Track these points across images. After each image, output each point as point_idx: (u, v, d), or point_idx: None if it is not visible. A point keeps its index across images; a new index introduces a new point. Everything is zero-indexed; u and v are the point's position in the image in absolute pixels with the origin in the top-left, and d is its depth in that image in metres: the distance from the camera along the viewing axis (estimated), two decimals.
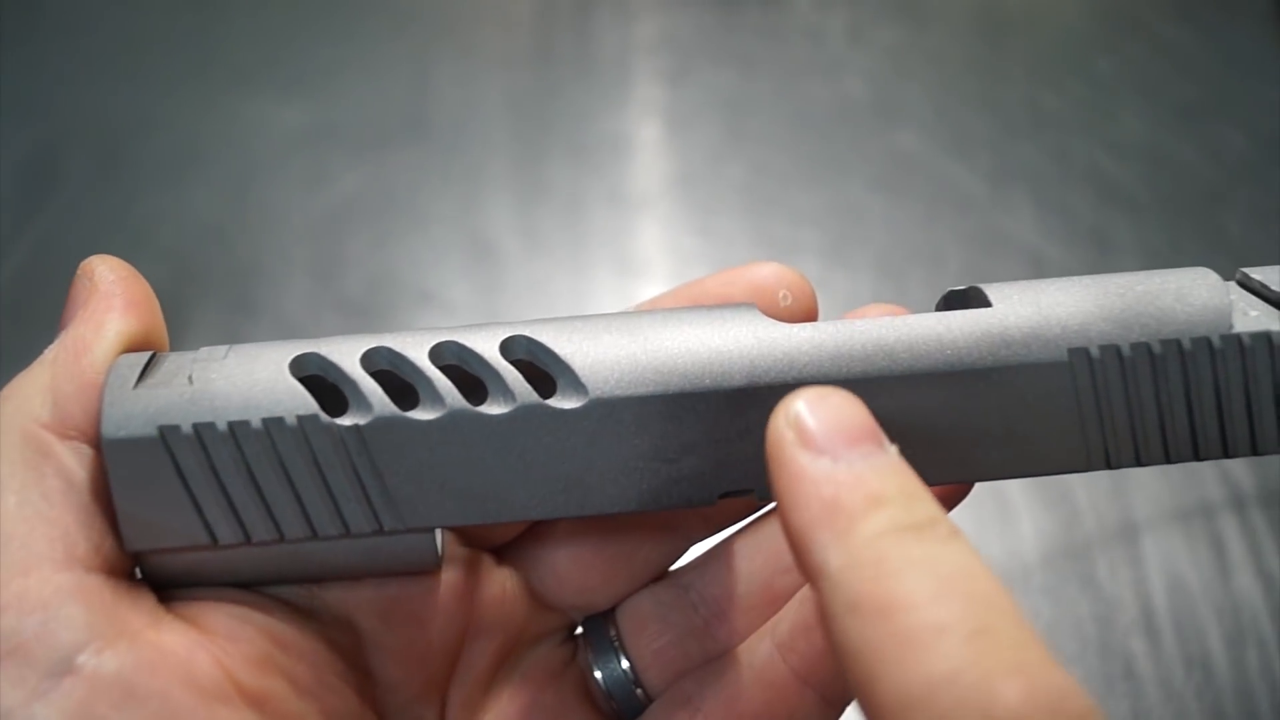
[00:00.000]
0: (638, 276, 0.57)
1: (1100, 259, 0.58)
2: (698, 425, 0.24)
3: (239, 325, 0.53)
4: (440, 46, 0.68)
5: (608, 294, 0.56)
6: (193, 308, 0.54)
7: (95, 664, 0.21)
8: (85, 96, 0.65)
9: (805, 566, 0.20)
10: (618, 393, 0.23)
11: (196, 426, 0.23)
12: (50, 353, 0.24)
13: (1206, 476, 0.50)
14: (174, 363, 0.24)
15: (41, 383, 0.23)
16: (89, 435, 0.23)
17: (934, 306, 0.27)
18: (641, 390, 0.24)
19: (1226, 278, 0.26)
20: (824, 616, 0.19)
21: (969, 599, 0.18)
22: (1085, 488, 0.49)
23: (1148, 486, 0.49)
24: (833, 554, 0.19)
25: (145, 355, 0.24)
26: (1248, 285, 0.25)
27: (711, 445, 0.24)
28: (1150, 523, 0.48)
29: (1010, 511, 0.48)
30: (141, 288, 0.25)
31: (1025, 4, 0.72)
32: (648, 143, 0.63)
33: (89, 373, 0.23)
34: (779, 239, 0.59)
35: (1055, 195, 0.60)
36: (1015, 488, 0.49)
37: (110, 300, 0.24)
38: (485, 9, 0.70)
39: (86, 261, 0.25)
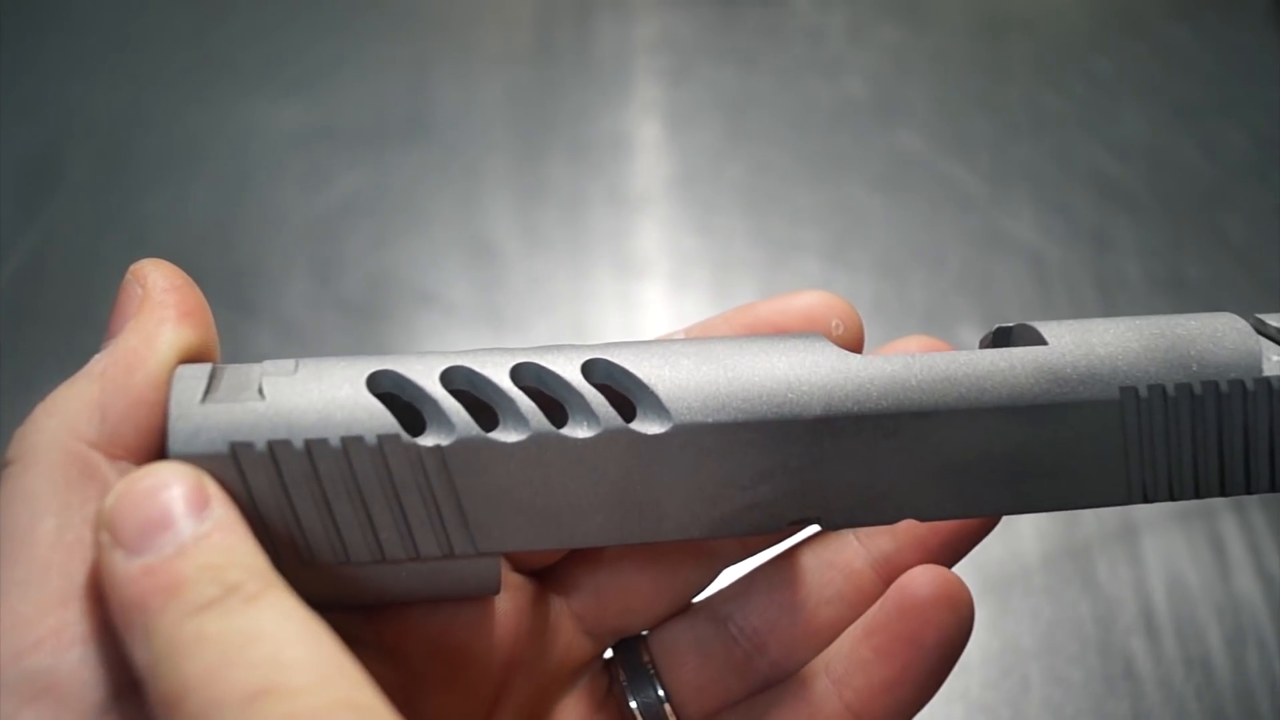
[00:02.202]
0: (638, 276, 0.57)
1: (1100, 259, 0.58)
2: (775, 453, 0.24)
3: (239, 325, 0.53)
4: (440, 45, 0.68)
5: (608, 293, 0.56)
6: None
7: (139, 703, 0.19)
8: (84, 96, 0.65)
9: (135, 672, 0.19)
10: (700, 419, 0.23)
11: (271, 444, 0.22)
12: (98, 365, 0.22)
13: None
14: (238, 376, 0.23)
15: (89, 397, 0.21)
16: (139, 455, 0.21)
17: (978, 341, 0.28)
18: (724, 417, 0.24)
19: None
20: None
21: (250, 665, 0.18)
22: None
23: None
24: (140, 654, 0.19)
25: (206, 367, 0.23)
26: (1264, 331, 0.27)
27: (786, 473, 0.24)
28: (1150, 523, 0.48)
29: None
30: (195, 296, 0.24)
31: (1026, 4, 0.72)
32: (648, 142, 0.63)
33: (141, 388, 0.22)
34: (779, 238, 0.59)
35: (1056, 195, 0.60)
36: None
37: (164, 310, 0.23)
38: (485, 8, 0.70)
39: (137, 266, 0.24)
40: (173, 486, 0.20)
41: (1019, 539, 0.48)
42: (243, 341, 0.53)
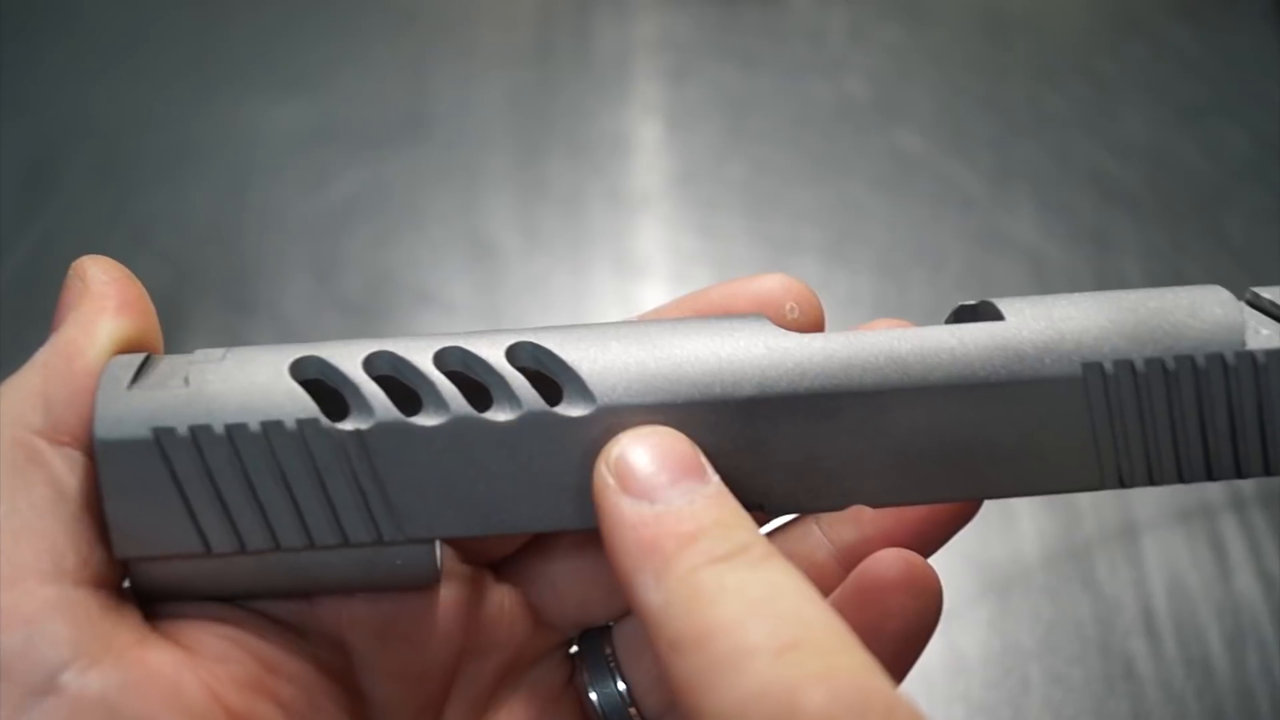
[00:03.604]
0: (638, 275, 0.57)
1: (1101, 259, 0.57)
2: (707, 436, 0.23)
3: (237, 325, 0.53)
4: (439, 45, 0.68)
5: (608, 293, 0.56)
6: (191, 307, 0.53)
7: (79, 683, 0.20)
8: (83, 96, 0.65)
9: (636, 610, 0.20)
10: (626, 400, 0.23)
11: (193, 429, 0.22)
12: (41, 356, 0.23)
13: None
14: (169, 365, 0.23)
15: (32, 387, 0.22)
16: (81, 440, 0.22)
17: (944, 319, 0.27)
18: (650, 399, 0.23)
19: (1229, 279, 0.25)
20: (655, 658, 0.20)
21: (778, 618, 0.19)
22: None
23: (1148, 487, 0.49)
24: (653, 594, 0.20)
25: (140, 357, 0.23)
26: (1258, 305, 0.25)
27: (721, 457, 0.23)
28: (1150, 523, 0.48)
29: (1011, 511, 0.48)
30: (135, 288, 0.24)
31: (1027, 4, 0.72)
32: (648, 141, 0.63)
33: (81, 376, 0.22)
34: (779, 238, 0.59)
35: (1056, 195, 0.60)
36: None
37: (103, 301, 0.23)
38: (485, 8, 0.70)
39: (78, 262, 0.24)
40: (681, 447, 0.22)
41: (1019, 539, 0.48)
42: (242, 341, 0.53)
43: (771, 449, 0.23)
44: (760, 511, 0.24)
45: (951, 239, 0.58)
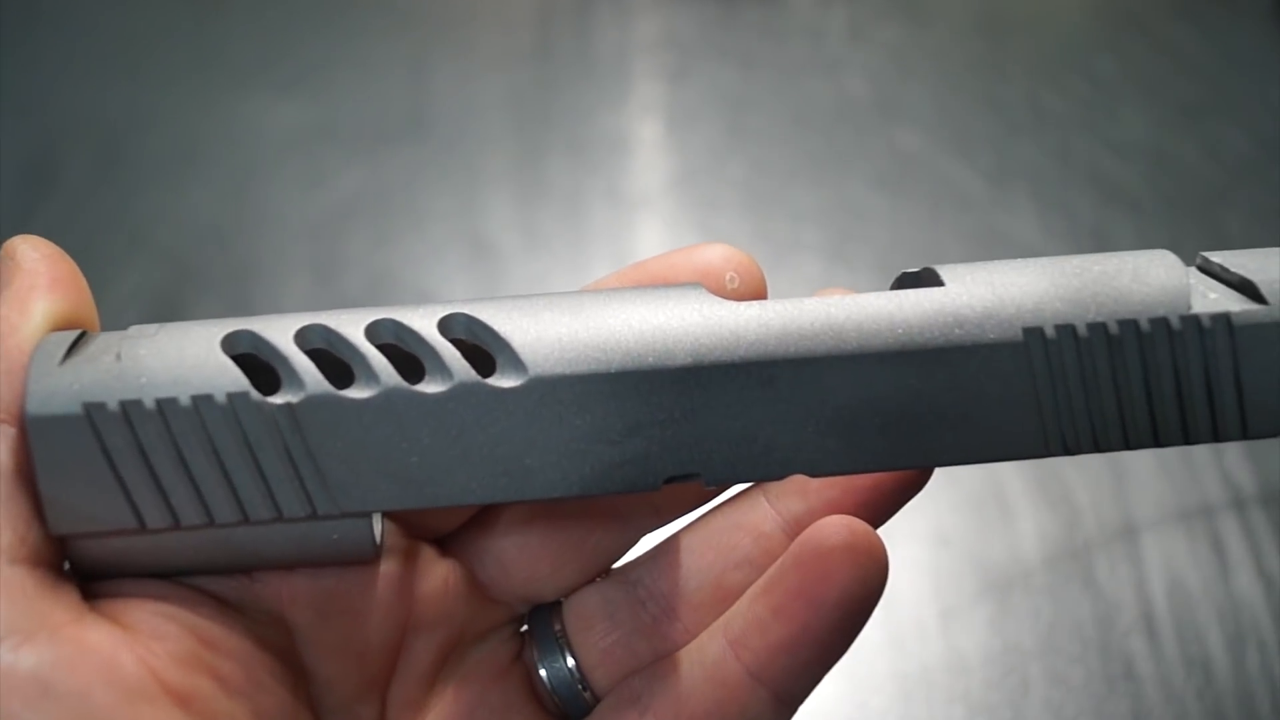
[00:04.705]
0: None
1: None
2: (641, 405, 0.23)
3: None
4: (439, 44, 0.68)
5: None
6: (191, 307, 0.53)
7: (11, 660, 0.20)
8: (83, 95, 0.64)
9: None
10: (558, 370, 0.23)
11: (123, 403, 0.22)
12: None
13: (1207, 476, 0.49)
14: (103, 341, 0.23)
15: None
16: (17, 417, 0.22)
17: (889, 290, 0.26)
18: (582, 368, 0.23)
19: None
20: None
21: None
22: (1086, 488, 0.49)
23: (1148, 486, 0.49)
24: None
25: (74, 334, 0.23)
26: (1208, 270, 0.25)
27: (656, 427, 0.23)
28: (1150, 523, 0.48)
29: (1010, 511, 0.48)
30: (67, 266, 0.24)
31: (1026, 3, 0.72)
32: (647, 141, 0.63)
33: (15, 353, 0.22)
34: (779, 237, 0.59)
35: (1056, 194, 0.60)
36: (1015, 488, 0.49)
37: (34, 279, 0.23)
38: (484, 7, 0.70)
39: (8, 242, 0.24)
40: None
41: (1019, 539, 0.48)
42: None
43: (707, 418, 0.23)
44: (697, 481, 0.24)
45: (951, 239, 0.58)
